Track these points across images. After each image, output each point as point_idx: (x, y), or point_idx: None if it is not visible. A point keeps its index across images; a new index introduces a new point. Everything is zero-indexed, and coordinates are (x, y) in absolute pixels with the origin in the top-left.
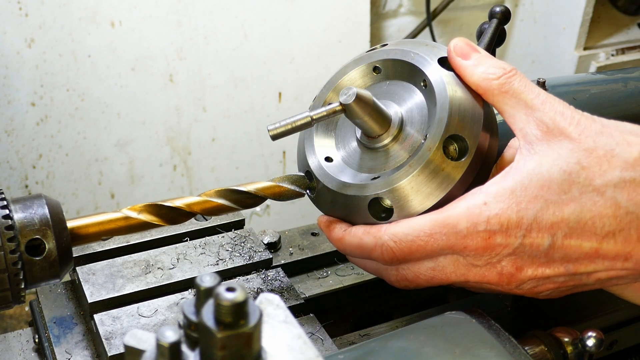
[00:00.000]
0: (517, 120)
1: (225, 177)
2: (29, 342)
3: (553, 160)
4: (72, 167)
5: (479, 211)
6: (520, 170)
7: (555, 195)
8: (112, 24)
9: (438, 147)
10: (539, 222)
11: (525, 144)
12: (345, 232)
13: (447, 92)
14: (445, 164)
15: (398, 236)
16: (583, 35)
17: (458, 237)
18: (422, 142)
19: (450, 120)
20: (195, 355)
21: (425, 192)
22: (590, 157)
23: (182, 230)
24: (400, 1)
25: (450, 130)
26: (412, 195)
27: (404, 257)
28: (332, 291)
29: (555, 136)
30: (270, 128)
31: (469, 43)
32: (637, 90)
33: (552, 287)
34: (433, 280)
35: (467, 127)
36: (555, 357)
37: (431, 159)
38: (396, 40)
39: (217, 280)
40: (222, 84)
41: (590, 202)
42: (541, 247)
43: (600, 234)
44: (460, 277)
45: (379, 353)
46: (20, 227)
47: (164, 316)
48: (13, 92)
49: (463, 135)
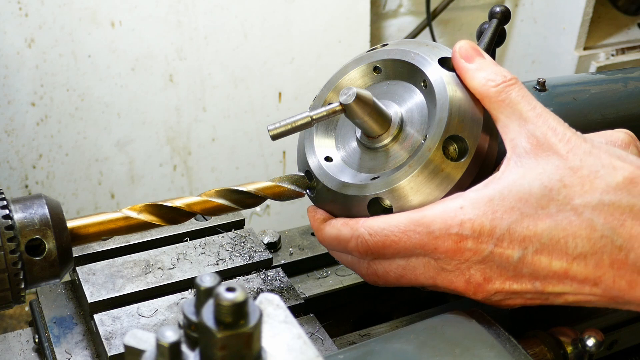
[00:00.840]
0: (509, 130)
1: (225, 177)
2: (29, 342)
3: (536, 175)
4: (72, 167)
5: (453, 214)
6: (502, 180)
7: (532, 209)
8: (112, 24)
9: (438, 148)
10: (511, 234)
11: (513, 155)
12: (326, 223)
13: (447, 92)
14: (445, 164)
15: (374, 229)
16: (583, 35)
17: (430, 237)
18: (422, 142)
19: (450, 121)
20: (195, 355)
21: (425, 193)
22: (573, 176)
23: (182, 230)
24: (400, 1)
25: (450, 131)
26: (412, 196)
27: (378, 250)
28: (332, 291)
29: (543, 151)
30: (270, 128)
31: (475, 47)
32: (637, 90)
33: (521, 302)
34: (402, 280)
35: (467, 128)
36: (555, 357)
37: (431, 159)
38: (397, 40)
39: (217, 280)
40: (222, 84)
41: (566, 221)
42: (511, 259)
43: (572, 254)
44: (429, 280)
45: (379, 353)
46: (20, 227)
47: (164, 316)
48: (13, 92)
49: (463, 135)
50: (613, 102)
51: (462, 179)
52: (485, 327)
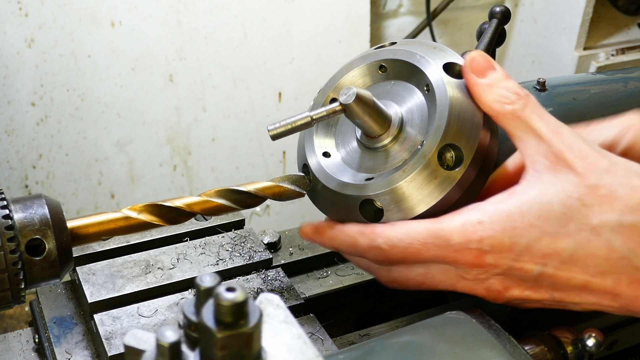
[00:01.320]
0: (527, 146)
1: (225, 177)
2: (29, 342)
3: (555, 192)
4: (72, 167)
5: (473, 229)
6: (521, 195)
7: (552, 228)
8: (112, 24)
9: (433, 155)
10: (531, 250)
11: (531, 170)
12: (339, 231)
13: (448, 99)
14: (439, 172)
15: (392, 241)
16: (583, 35)
17: (450, 250)
18: (419, 147)
19: (448, 129)
20: (195, 355)
21: (417, 199)
22: (592, 195)
23: (182, 230)
24: (400, 1)
25: (447, 139)
26: (404, 200)
27: (397, 261)
28: (332, 291)
29: (561, 167)
30: (270, 128)
31: (487, 59)
32: (637, 90)
33: (539, 306)
34: (422, 285)
35: (464, 137)
36: (555, 357)
37: (426, 165)
38: (404, 40)
39: (217, 280)
40: (222, 84)
41: (585, 241)
42: (530, 274)
43: (591, 272)
44: (449, 287)
45: (379, 353)
46: (20, 227)
47: (164, 316)
48: (13, 92)
49: (460, 145)
50: (613, 102)
51: (456, 187)
52: (485, 327)
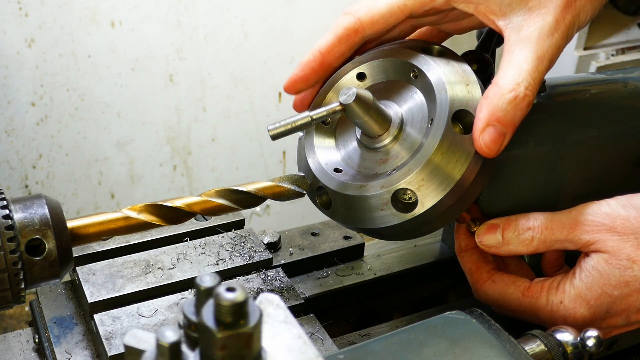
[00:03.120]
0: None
1: (225, 177)
2: (29, 342)
3: (607, 259)
4: (72, 167)
5: (557, 309)
6: (585, 270)
7: (617, 290)
8: (112, 24)
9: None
10: (611, 313)
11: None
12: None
13: (447, 91)
14: (458, 138)
15: (490, 296)
16: (583, 35)
17: (541, 318)
18: (422, 142)
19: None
20: (195, 355)
21: (425, 192)
22: (638, 249)
23: (182, 230)
24: None
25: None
26: (433, 179)
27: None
28: (332, 291)
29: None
30: (270, 128)
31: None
32: (637, 90)
33: None
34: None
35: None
36: (555, 357)
37: (431, 159)
38: (398, 40)
39: (217, 280)
40: (222, 84)
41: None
42: (617, 324)
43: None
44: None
45: (379, 353)
46: (20, 227)
47: (164, 316)
48: (13, 92)
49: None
50: (613, 102)
51: (463, 178)
52: (485, 327)
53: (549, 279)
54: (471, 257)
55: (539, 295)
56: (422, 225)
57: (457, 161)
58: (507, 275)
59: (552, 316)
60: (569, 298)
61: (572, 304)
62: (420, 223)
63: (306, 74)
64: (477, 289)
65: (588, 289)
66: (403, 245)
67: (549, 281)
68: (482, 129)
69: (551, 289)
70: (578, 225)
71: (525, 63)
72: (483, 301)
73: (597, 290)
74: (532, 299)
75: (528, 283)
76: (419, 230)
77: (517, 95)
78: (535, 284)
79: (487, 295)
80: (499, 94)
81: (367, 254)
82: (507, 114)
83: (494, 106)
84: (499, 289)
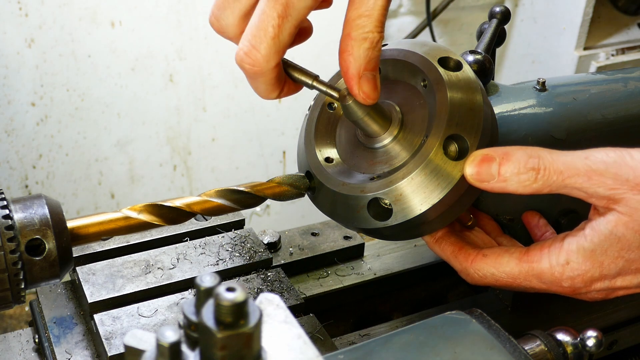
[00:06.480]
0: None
1: (225, 177)
2: (29, 342)
3: (627, 223)
4: (72, 167)
5: (561, 270)
6: (598, 232)
7: (634, 254)
8: (112, 24)
9: (438, 147)
10: (623, 274)
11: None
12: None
13: (447, 92)
14: (445, 164)
15: (483, 272)
16: (583, 35)
17: (543, 284)
18: (422, 142)
19: (450, 120)
20: (195, 355)
21: (425, 193)
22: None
23: (182, 230)
24: (400, 1)
25: (450, 130)
26: (412, 196)
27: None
28: (332, 291)
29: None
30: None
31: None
32: (637, 90)
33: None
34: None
35: (467, 127)
36: (555, 357)
37: (431, 158)
38: (396, 41)
39: (217, 280)
40: (222, 84)
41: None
42: (631, 285)
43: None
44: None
45: (379, 353)
46: (20, 227)
47: (164, 316)
48: (13, 92)
49: (463, 134)
50: (613, 102)
51: (442, 201)
52: (485, 327)
53: (549, 240)
54: (450, 240)
55: (539, 258)
56: (402, 231)
57: (438, 185)
58: (498, 247)
59: (556, 278)
60: (577, 259)
61: (582, 265)
62: (399, 230)
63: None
64: (467, 268)
65: (603, 252)
66: (403, 245)
67: (549, 242)
68: (358, 83)
69: (553, 249)
70: (596, 175)
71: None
72: (476, 282)
73: (614, 254)
74: (531, 263)
75: (524, 248)
76: (401, 235)
77: (372, 40)
78: (534, 247)
79: (480, 272)
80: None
81: (367, 254)
82: (370, 60)
83: (355, 58)
84: (491, 262)
